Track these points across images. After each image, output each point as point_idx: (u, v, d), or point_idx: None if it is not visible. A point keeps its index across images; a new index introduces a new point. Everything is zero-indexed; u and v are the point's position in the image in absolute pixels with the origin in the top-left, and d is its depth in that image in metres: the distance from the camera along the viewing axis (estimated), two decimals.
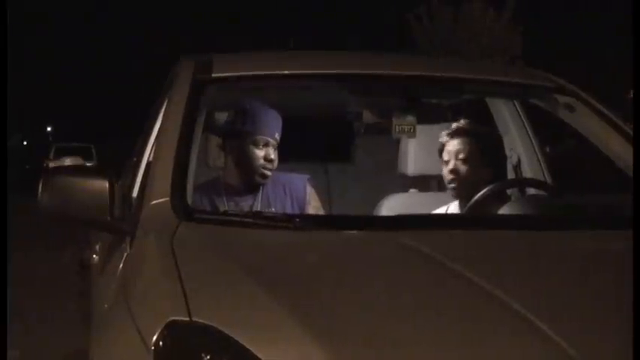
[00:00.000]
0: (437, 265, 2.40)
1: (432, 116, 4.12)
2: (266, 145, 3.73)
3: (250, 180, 3.78)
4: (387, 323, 2.08)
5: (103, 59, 55.05)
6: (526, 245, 2.67)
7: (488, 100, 4.27)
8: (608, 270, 2.48)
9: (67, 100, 56.26)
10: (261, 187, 3.81)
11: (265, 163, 3.73)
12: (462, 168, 3.67)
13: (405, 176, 4.21)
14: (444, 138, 3.74)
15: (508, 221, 3.06)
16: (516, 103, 4.16)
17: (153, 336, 2.02)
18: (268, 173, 3.76)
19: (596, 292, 2.28)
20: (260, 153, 3.73)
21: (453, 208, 3.74)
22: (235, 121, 3.78)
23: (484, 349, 2.00)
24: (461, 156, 3.67)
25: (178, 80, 3.34)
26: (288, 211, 3.75)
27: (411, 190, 4.25)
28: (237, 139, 3.76)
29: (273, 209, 3.73)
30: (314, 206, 3.88)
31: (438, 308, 2.17)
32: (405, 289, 2.28)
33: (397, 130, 3.63)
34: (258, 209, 3.68)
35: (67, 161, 31.68)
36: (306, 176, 3.95)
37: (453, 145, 3.71)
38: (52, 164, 27.61)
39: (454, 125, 3.76)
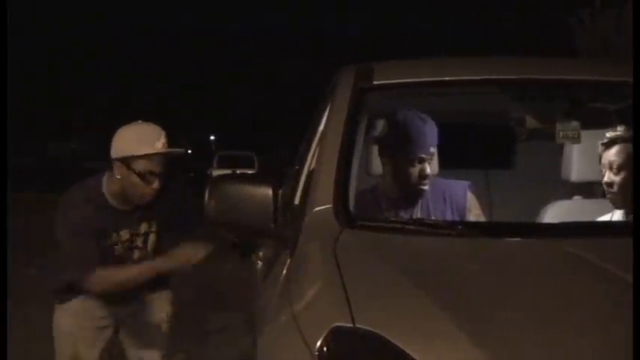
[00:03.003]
0: (601, 273, 2.35)
1: (598, 121, 4.02)
2: (421, 161, 3.65)
3: (408, 193, 3.73)
4: (546, 329, 2.06)
5: (265, 69, 56.14)
6: None
7: None
8: None
9: (230, 109, 57.64)
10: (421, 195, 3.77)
11: (420, 180, 3.66)
12: (616, 179, 3.57)
13: (568, 182, 4.12)
14: (599, 148, 3.65)
15: None
16: None
17: (317, 342, 2.05)
18: (425, 188, 3.69)
19: None
20: (415, 171, 3.65)
21: (618, 215, 3.64)
22: (388, 137, 3.71)
23: None
24: (614, 167, 3.58)
25: (340, 88, 3.37)
26: (448, 218, 3.71)
27: (575, 197, 4.16)
28: (392, 155, 3.71)
29: (432, 217, 3.69)
30: (475, 213, 3.81)
31: (601, 315, 2.14)
32: (566, 296, 2.24)
33: (561, 135, 3.56)
34: (419, 217, 3.66)
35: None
36: (467, 182, 3.88)
37: (606, 156, 3.62)
38: (215, 172, 28.21)
39: (608, 135, 3.65)
